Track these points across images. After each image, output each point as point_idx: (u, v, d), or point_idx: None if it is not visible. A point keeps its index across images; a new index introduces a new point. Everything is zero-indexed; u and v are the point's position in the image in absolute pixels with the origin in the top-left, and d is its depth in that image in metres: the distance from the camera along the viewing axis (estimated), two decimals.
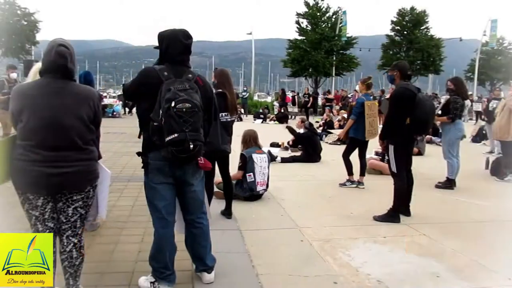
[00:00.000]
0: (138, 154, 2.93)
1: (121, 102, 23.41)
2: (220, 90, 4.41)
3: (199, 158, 2.84)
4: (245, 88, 27.35)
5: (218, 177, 4.97)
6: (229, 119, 4.57)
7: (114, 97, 31.10)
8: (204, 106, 2.76)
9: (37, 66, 3.05)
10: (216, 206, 4.91)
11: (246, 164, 5.55)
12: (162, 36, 2.90)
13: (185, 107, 2.56)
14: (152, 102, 2.69)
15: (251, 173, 5.54)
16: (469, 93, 22.19)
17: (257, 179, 5.56)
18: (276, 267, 3.52)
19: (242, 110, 22.52)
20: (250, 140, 5.77)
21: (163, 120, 2.57)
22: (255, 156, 5.60)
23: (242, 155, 5.65)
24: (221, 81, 4.52)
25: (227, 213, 4.84)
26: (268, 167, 5.80)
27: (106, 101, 23.82)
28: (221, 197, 5.08)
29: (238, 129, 5.95)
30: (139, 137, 2.98)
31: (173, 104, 2.54)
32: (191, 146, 2.58)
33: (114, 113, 21.35)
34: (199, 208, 3.11)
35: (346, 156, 6.58)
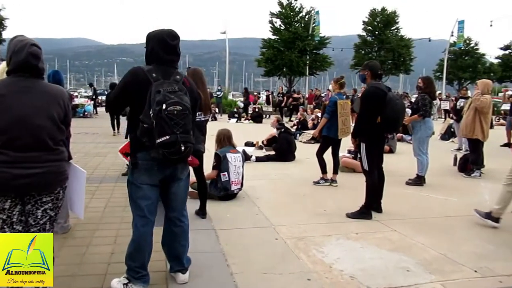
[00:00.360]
0: (127, 154, 2.91)
1: (92, 102, 22.99)
2: None
3: None
4: (219, 88, 27.29)
5: (192, 177, 4.94)
6: (202, 119, 4.56)
7: (85, 96, 30.53)
8: (191, 107, 2.78)
9: (3, 65, 2.96)
10: (190, 206, 4.80)
11: (221, 163, 5.55)
12: (149, 37, 2.90)
13: (176, 110, 2.57)
14: (140, 103, 2.69)
15: (226, 173, 5.54)
16: (438, 92, 22.91)
17: (232, 178, 5.56)
18: (250, 265, 3.54)
19: (217, 110, 22.46)
20: (224, 140, 5.77)
21: (154, 122, 2.57)
22: (229, 156, 5.60)
23: (216, 155, 5.64)
24: (194, 80, 4.47)
25: (201, 213, 4.83)
26: (243, 166, 5.81)
27: (77, 100, 23.39)
28: (196, 196, 5.06)
29: (213, 129, 5.95)
30: (126, 137, 3.01)
31: (164, 107, 2.54)
32: (182, 148, 2.61)
33: (86, 113, 21.00)
34: (182, 205, 3.15)
35: (320, 154, 6.67)
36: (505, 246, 4.16)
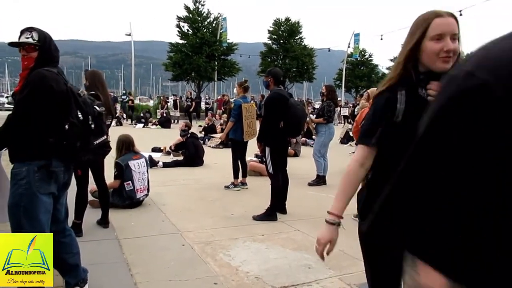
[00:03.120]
0: (46, 165, 2.57)
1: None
2: (93, 92, 4.17)
3: None
4: (124, 91, 26.24)
5: (92, 185, 4.70)
6: None
7: None
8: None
9: None
10: (91, 216, 4.64)
11: (123, 172, 5.31)
12: (46, 36, 2.63)
13: (103, 110, 2.72)
14: (59, 107, 2.52)
15: (129, 181, 5.31)
16: (338, 99, 24.46)
17: (136, 186, 5.37)
18: (156, 274, 3.45)
19: (125, 115, 21.57)
20: (124, 147, 5.50)
21: (93, 124, 2.61)
22: (131, 163, 5.39)
23: (117, 164, 5.37)
24: (93, 83, 4.25)
25: (103, 222, 4.59)
26: (148, 171, 5.65)
27: None
28: (97, 205, 4.80)
29: (117, 134, 5.76)
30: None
31: (98, 109, 2.67)
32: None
33: None
34: (67, 214, 2.98)
35: (234, 159, 6.76)
36: None
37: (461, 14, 23.35)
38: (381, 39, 30.47)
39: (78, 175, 4.14)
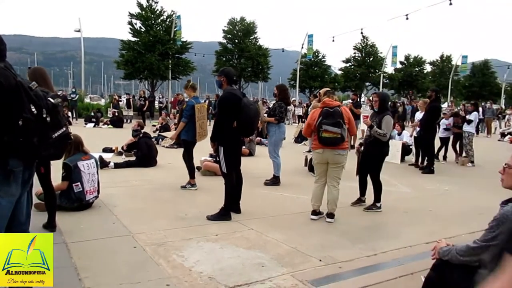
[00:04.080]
0: (3, 165, 2.40)
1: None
2: None
3: None
4: (73, 90, 25.24)
5: (38, 187, 4.49)
6: None
7: None
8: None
9: None
10: (37, 219, 4.42)
11: (71, 173, 5.12)
12: None
13: (59, 102, 2.58)
14: (6, 103, 2.34)
15: (78, 183, 5.13)
16: (293, 99, 24.84)
17: (86, 188, 5.19)
18: (106, 277, 3.36)
19: (70, 114, 20.75)
20: (72, 147, 5.30)
21: (49, 117, 2.47)
22: (80, 164, 5.20)
23: (65, 164, 5.15)
24: (35, 80, 4.04)
25: (50, 226, 4.41)
26: (98, 172, 5.48)
27: None
28: (43, 208, 4.60)
29: None
30: None
31: (52, 100, 2.53)
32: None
33: None
34: (28, 216, 2.84)
35: (187, 159, 6.69)
36: (344, 236, 4.73)
37: (407, 18, 24.42)
38: (333, 40, 31.19)
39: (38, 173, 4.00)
